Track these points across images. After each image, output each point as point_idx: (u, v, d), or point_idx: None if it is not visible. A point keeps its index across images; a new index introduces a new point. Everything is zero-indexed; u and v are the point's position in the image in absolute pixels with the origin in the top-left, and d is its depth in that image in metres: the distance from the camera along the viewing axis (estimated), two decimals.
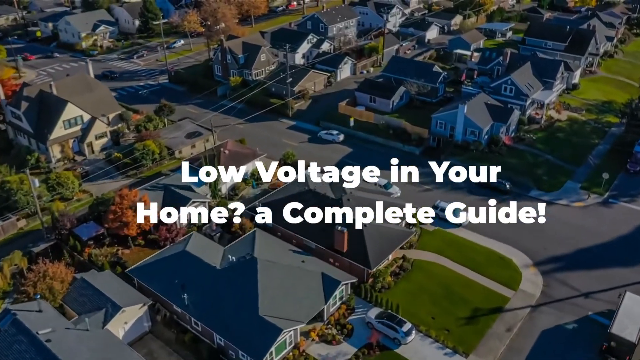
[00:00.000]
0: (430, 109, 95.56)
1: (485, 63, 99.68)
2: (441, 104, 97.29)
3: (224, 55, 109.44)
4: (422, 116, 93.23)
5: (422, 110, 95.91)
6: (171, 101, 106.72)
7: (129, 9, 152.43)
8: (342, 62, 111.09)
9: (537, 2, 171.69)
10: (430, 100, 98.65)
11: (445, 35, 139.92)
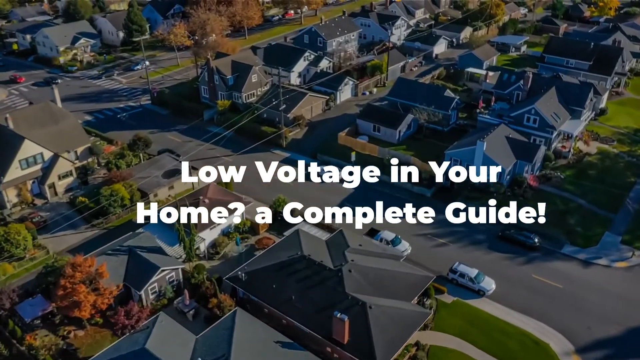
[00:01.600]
0: (441, 139, 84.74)
1: (504, 87, 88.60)
2: (453, 134, 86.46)
3: (210, 76, 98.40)
4: (433, 147, 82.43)
5: (432, 140, 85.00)
6: (153, 126, 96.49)
7: (113, 20, 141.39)
8: (343, 83, 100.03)
9: (550, 11, 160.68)
10: (442, 129, 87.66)
11: (454, 50, 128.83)
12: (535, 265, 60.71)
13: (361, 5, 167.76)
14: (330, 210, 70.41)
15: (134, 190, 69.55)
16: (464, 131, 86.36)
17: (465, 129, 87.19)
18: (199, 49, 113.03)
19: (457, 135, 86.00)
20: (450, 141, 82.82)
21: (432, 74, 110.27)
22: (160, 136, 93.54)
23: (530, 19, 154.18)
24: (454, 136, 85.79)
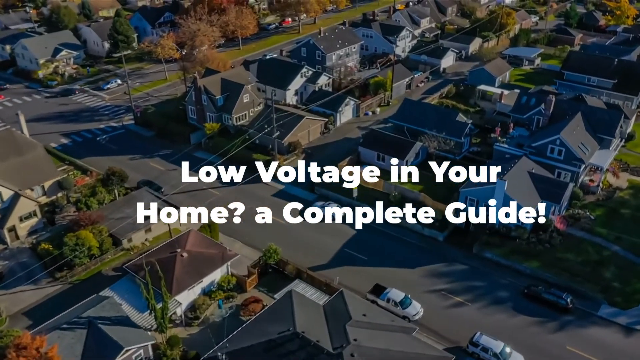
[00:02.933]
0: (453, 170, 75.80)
1: (522, 111, 79.67)
2: (467, 163, 77.66)
3: (198, 96, 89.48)
4: (445, 180, 73.54)
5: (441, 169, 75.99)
6: (134, 151, 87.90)
7: (98, 29, 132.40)
8: (343, 104, 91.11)
9: (563, 19, 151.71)
10: (453, 157, 78.78)
11: (463, 63, 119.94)
12: (570, 334, 51.84)
13: (362, 13, 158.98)
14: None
15: (104, 237, 60.63)
16: (478, 160, 77.56)
17: (478, 158, 78.31)
18: (187, 63, 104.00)
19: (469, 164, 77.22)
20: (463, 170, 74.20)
21: (440, 92, 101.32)
22: (142, 163, 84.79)
23: (542, 27, 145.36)
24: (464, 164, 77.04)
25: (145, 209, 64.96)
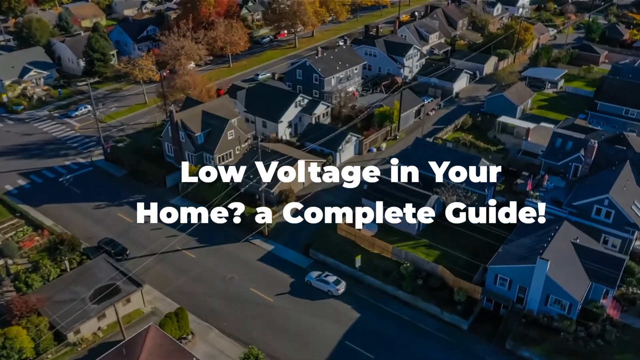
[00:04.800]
0: (475, 227, 63.40)
1: (556, 156, 67.04)
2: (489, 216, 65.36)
3: (175, 132, 76.94)
4: (465, 241, 61.08)
5: (463, 229, 63.53)
6: (101, 196, 75.80)
7: (73, 45, 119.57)
8: (344, 141, 78.47)
9: (583, 32, 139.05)
10: None
11: (477, 86, 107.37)
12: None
13: (364, 25, 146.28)
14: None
15: (43, 331, 48.07)
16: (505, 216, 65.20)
17: (504, 208, 65.82)
18: (166, 90, 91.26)
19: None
20: (488, 230, 61.85)
21: (454, 123, 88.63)
22: (108, 213, 72.31)
23: (560, 41, 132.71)
24: (487, 222, 64.71)
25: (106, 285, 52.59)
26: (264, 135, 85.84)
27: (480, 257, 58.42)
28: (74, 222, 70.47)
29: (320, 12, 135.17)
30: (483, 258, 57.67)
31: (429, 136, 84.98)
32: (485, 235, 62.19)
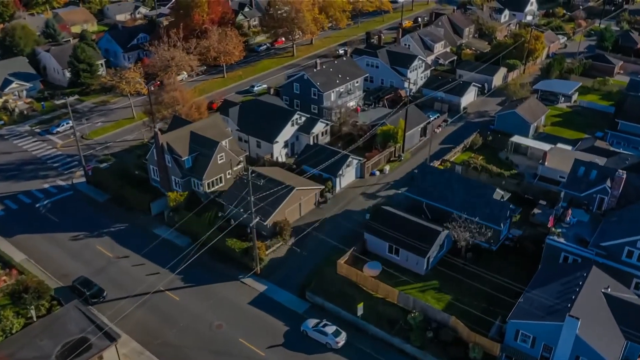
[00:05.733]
0: (489, 265, 57.28)
1: (579, 187, 60.68)
2: (506, 255, 59.17)
3: (160, 156, 70.68)
4: (479, 282, 54.83)
5: (476, 268, 57.26)
6: (80, 225, 69.74)
7: (59, 55, 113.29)
8: (344, 165, 72.15)
9: (595, 39, 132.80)
10: (488, 246, 59.98)
11: (486, 99, 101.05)
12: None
13: (366, 32, 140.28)
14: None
15: None
16: (522, 254, 59.04)
17: (522, 249, 59.66)
18: (153, 104, 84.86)
19: (511, 260, 58.76)
20: (504, 268, 55.88)
21: (463, 143, 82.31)
22: (86, 246, 66.10)
23: (571, 48, 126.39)
24: (507, 260, 58.63)
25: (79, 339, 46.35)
26: (258, 156, 79.63)
27: (498, 301, 52.22)
28: (48, 256, 64.35)
29: (319, 19, 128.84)
30: (501, 303, 51.54)
31: (436, 157, 78.77)
32: (503, 274, 55.99)
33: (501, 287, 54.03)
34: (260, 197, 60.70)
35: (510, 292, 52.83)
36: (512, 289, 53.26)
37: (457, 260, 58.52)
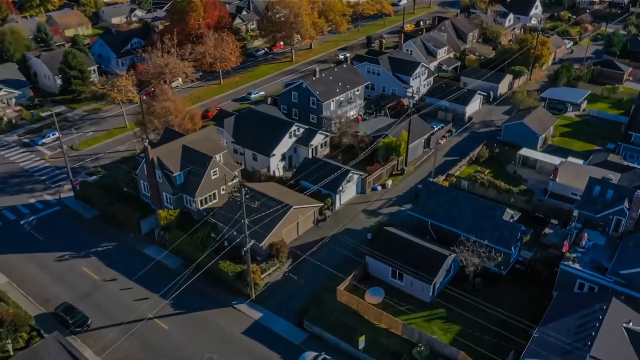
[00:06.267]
0: (499, 291, 53.76)
1: (594, 207, 57.05)
2: (516, 280, 55.60)
3: (151, 171, 67.10)
4: (489, 311, 51.17)
5: (484, 296, 53.74)
6: (66, 244, 66.25)
7: (50, 61, 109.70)
8: (345, 181, 68.49)
9: (602, 44, 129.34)
10: (497, 270, 56.35)
11: (492, 108, 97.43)
12: None
13: (366, 36, 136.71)
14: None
15: None
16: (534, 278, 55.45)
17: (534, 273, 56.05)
18: (145, 113, 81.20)
19: (522, 285, 55.16)
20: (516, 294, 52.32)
21: (469, 156, 78.67)
22: (72, 267, 62.51)
23: (577, 53, 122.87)
24: (518, 285, 55.05)
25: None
26: (254, 169, 76.02)
27: (510, 330, 48.64)
28: (31, 278, 60.76)
29: (318, 23, 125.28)
30: (513, 333, 48.02)
31: (441, 171, 75.15)
32: (514, 301, 52.51)
33: (513, 315, 50.42)
34: (255, 219, 57.01)
35: (522, 322, 49.26)
36: (524, 318, 49.66)
37: (465, 286, 54.88)
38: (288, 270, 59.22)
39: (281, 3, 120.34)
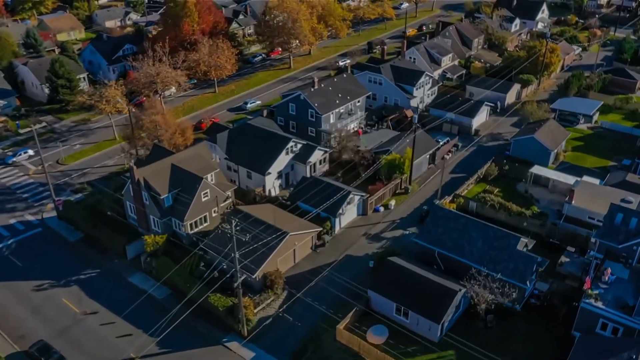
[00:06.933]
0: (514, 328, 49.17)
1: (617, 237, 52.43)
2: (530, 315, 51.05)
3: (137, 193, 62.54)
4: (504, 347, 46.63)
5: (498, 332, 49.26)
6: (46, 270, 62.33)
7: (37, 68, 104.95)
8: (345, 203, 63.88)
9: (612, 50, 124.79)
10: (511, 305, 51.74)
11: (499, 119, 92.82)
12: None
13: (367, 42, 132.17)
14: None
15: None
16: (550, 314, 50.90)
17: (550, 308, 51.51)
18: (133, 131, 76.64)
19: (538, 322, 50.62)
20: (532, 333, 47.67)
21: (477, 173, 74.08)
22: (51, 297, 58.00)
23: (587, 61, 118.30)
24: (534, 323, 50.51)
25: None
26: (248, 188, 71.51)
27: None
28: (6, 310, 56.31)
29: (317, 28, 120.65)
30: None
31: (447, 189, 70.54)
32: (530, 341, 48.03)
33: (529, 356, 45.96)
34: (247, 250, 52.48)
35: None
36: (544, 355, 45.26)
37: (476, 323, 50.36)
38: (282, 310, 54.39)
39: (279, 8, 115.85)
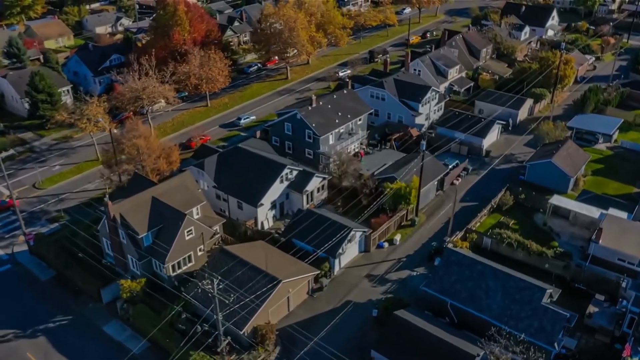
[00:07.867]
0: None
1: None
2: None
3: (114, 231, 55.96)
4: None
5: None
6: (13, 315, 56.92)
7: (17, 81, 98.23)
8: (345, 242, 57.23)
9: (626, 61, 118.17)
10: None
11: (510, 137, 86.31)
12: None
13: (369, 50, 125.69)
14: None
15: None
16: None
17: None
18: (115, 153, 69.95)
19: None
20: None
21: (491, 203, 67.42)
22: (14, 352, 51.70)
23: (601, 71, 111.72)
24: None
25: None
26: (239, 220, 64.96)
27: None
28: None
29: (316, 37, 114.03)
30: None
31: (458, 223, 63.67)
32: None
33: None
34: (235, 302, 45.95)
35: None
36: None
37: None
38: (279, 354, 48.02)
39: (275, 15, 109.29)
